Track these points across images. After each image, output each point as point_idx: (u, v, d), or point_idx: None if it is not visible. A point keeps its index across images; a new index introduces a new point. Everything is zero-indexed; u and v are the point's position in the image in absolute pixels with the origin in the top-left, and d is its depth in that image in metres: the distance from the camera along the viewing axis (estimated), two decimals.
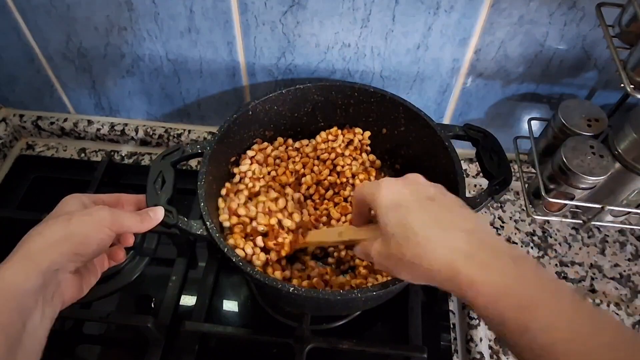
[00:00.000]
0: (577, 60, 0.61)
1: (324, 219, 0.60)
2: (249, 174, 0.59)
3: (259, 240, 0.51)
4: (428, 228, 0.35)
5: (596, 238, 0.70)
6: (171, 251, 0.67)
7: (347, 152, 0.64)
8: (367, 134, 0.65)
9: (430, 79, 0.66)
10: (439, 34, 0.59)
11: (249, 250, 0.50)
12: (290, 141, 0.65)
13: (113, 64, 0.69)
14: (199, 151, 0.54)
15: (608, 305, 0.63)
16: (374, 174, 0.64)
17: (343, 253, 0.57)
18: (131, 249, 0.66)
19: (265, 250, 0.52)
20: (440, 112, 0.72)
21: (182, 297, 0.64)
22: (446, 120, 0.73)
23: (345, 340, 0.55)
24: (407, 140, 0.64)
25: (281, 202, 0.54)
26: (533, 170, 0.62)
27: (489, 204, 0.61)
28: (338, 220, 0.59)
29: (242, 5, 0.58)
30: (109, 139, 0.80)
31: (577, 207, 0.64)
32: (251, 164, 0.61)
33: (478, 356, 0.58)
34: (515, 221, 0.71)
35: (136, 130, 0.78)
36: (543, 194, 0.57)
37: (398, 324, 0.61)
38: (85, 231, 0.39)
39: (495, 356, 0.58)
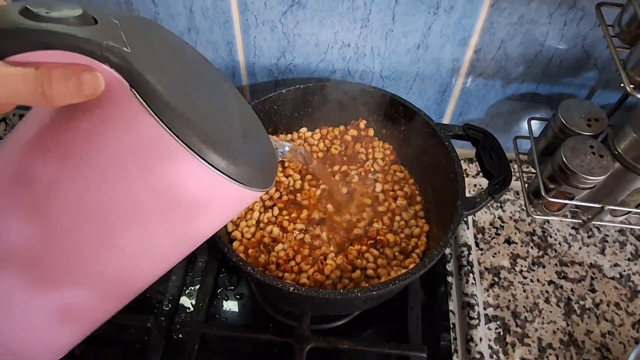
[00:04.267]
0: (577, 60, 0.61)
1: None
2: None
3: None
4: None
5: (596, 238, 0.70)
6: None
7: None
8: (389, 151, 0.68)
9: (430, 79, 0.66)
10: (439, 33, 0.59)
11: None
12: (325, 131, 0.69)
13: None
14: None
15: (608, 305, 0.63)
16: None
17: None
18: None
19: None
20: (440, 112, 0.72)
21: (182, 297, 0.64)
22: (446, 120, 0.73)
23: (345, 340, 0.55)
24: (407, 140, 0.64)
25: None
26: (533, 170, 0.62)
27: (489, 204, 0.61)
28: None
29: (241, 4, 0.58)
30: None
31: (577, 206, 0.64)
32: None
33: (478, 356, 0.58)
34: (515, 221, 0.72)
35: None
36: (543, 193, 0.57)
37: (398, 324, 0.61)
38: None
39: (495, 356, 0.58)
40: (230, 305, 0.64)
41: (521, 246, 0.69)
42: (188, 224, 0.33)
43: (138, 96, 0.27)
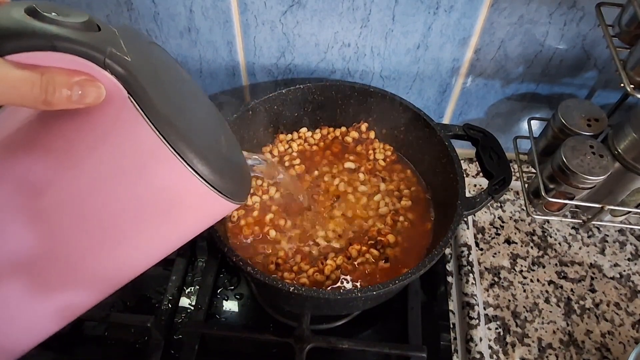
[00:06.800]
0: (577, 60, 0.61)
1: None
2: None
3: None
4: None
5: (596, 238, 0.70)
6: None
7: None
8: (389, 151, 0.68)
9: (430, 79, 0.66)
10: (439, 33, 0.59)
11: None
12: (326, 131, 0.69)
13: None
14: None
15: (608, 305, 0.63)
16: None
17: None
18: None
19: None
20: (440, 112, 0.72)
21: (182, 297, 0.64)
22: (446, 120, 0.73)
23: (345, 340, 0.55)
24: (407, 140, 0.64)
25: None
26: (533, 170, 0.62)
27: (489, 204, 0.61)
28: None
29: (241, 4, 0.58)
30: None
31: (577, 206, 0.64)
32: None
33: (478, 356, 0.58)
34: (515, 221, 0.71)
35: None
36: (543, 193, 0.57)
37: (398, 324, 0.61)
38: None
39: (495, 356, 0.58)
40: (230, 305, 0.64)
41: (521, 246, 0.69)
42: (173, 226, 0.34)
43: (136, 105, 0.27)
